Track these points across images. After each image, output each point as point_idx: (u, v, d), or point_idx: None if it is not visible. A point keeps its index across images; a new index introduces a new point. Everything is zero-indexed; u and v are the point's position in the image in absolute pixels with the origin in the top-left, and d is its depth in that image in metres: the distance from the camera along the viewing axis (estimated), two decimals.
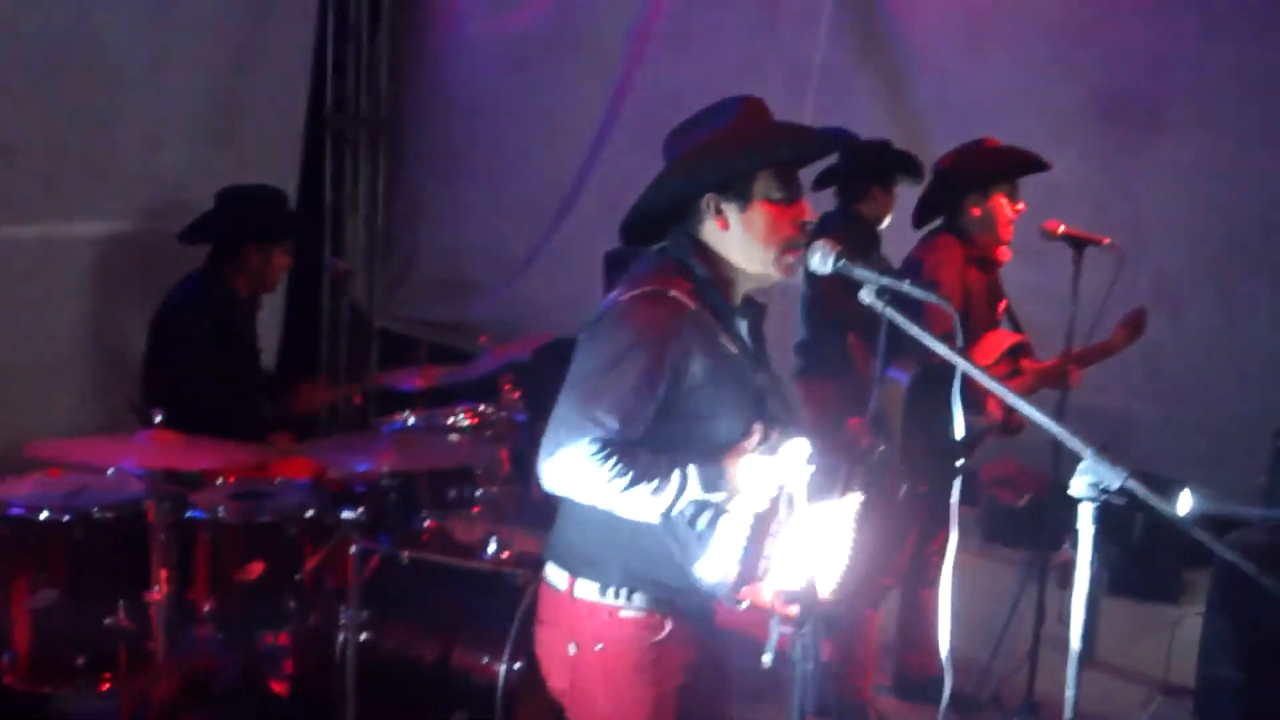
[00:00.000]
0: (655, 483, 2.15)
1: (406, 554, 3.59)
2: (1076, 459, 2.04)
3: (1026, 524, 5.81)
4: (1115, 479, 2.04)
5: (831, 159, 4.51)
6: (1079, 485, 2.07)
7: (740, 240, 2.30)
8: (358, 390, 5.19)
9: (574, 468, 2.15)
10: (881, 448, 2.28)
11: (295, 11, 6.44)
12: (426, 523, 3.78)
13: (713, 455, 2.23)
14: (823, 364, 4.49)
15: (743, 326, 2.38)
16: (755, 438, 2.25)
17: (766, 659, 2.26)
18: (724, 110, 2.34)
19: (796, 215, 2.31)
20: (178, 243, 4.39)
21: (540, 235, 6.94)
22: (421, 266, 7.39)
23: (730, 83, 6.09)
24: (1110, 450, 2.13)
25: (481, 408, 4.09)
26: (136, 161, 5.42)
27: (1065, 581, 4.82)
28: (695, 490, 2.17)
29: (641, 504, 2.18)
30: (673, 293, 2.24)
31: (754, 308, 2.46)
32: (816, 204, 4.78)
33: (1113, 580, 5.01)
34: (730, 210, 2.29)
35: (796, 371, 4.70)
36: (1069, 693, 2.20)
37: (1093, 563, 4.54)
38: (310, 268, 6.36)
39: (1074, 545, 5.12)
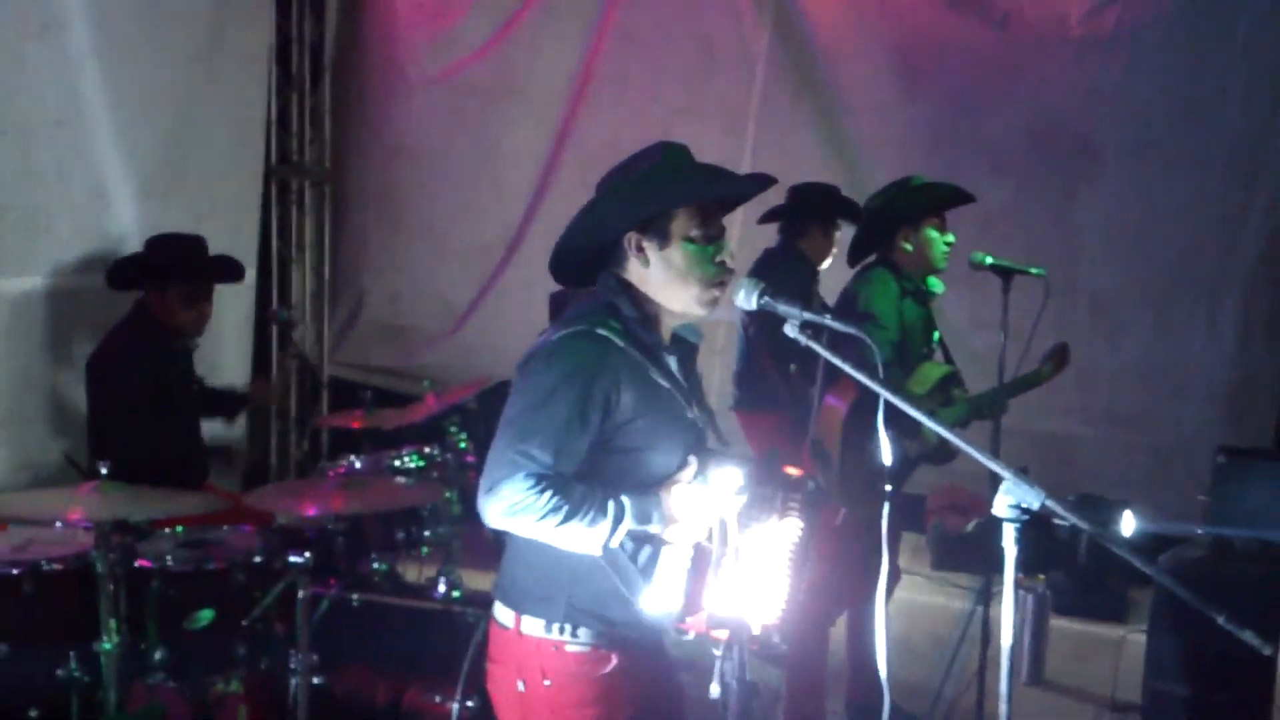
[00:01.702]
0: (591, 515, 2.21)
1: (356, 597, 3.61)
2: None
3: (974, 548, 5.89)
4: (1035, 499, 2.10)
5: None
6: (1000, 506, 2.12)
7: (661, 278, 2.37)
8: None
9: (511, 503, 2.20)
10: (812, 483, 2.32)
11: (245, 64, 6.47)
12: (376, 565, 3.79)
13: (648, 488, 2.29)
14: (759, 395, 4.58)
15: (673, 362, 2.44)
16: (690, 470, 2.30)
17: (714, 689, 2.30)
18: (649, 154, 2.41)
19: (716, 253, 2.37)
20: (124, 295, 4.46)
21: (485, 280, 7.00)
22: (368, 313, 7.41)
23: (670, 126, 6.31)
24: (1030, 472, 2.20)
25: (428, 449, 4.12)
26: (86, 216, 5.42)
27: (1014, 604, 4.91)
28: (630, 521, 2.23)
29: (580, 536, 2.23)
30: (600, 331, 2.30)
31: (684, 346, 2.52)
32: (760, 239, 4.96)
33: (1059, 601, 5.08)
34: (650, 248, 2.35)
35: (734, 403, 4.78)
36: (1002, 707, 2.24)
37: (1021, 581, 4.62)
38: (263, 316, 6.41)
39: (1019, 568, 5.22)
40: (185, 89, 6.01)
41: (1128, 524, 5.22)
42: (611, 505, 2.23)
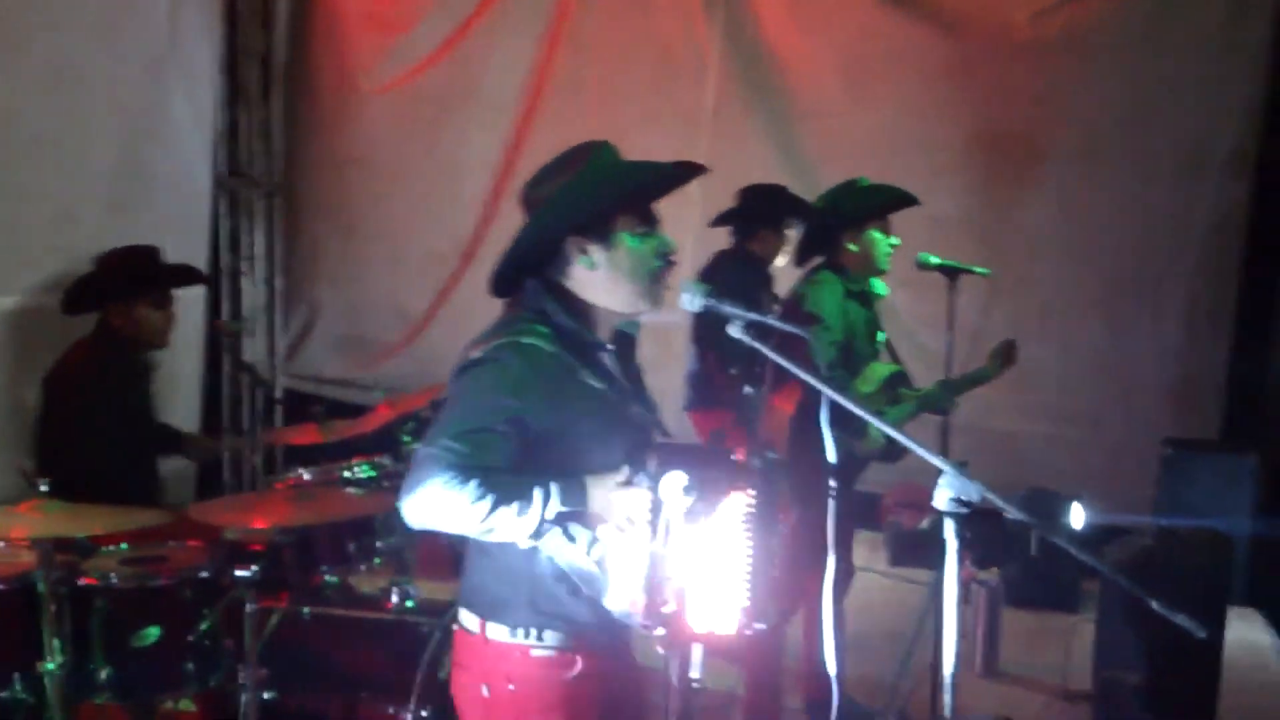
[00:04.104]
0: (517, 503, 2.19)
1: (308, 610, 3.59)
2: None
3: (930, 545, 5.93)
4: (974, 492, 2.12)
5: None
6: (941, 499, 2.14)
7: (607, 279, 2.37)
8: (245, 444, 5.17)
9: (434, 499, 2.18)
10: (760, 460, 2.30)
11: (195, 78, 6.47)
12: (327, 577, 3.77)
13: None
14: (709, 396, 4.60)
15: (611, 360, 2.44)
16: (625, 465, 2.30)
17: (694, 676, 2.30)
18: (576, 156, 2.40)
19: (659, 248, 2.39)
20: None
21: (440, 289, 7.00)
22: (322, 325, 7.40)
23: (625, 132, 6.23)
24: (981, 469, 2.23)
25: (380, 459, 4.10)
26: (51, 235, 5.41)
27: (967, 597, 4.96)
28: (556, 503, 2.21)
29: (508, 526, 2.21)
30: (527, 340, 2.30)
31: (625, 340, 2.52)
32: (711, 240, 4.98)
33: (1012, 593, 5.13)
34: (594, 251, 2.36)
35: (686, 404, 4.80)
36: (946, 698, 2.27)
37: (974, 574, 4.66)
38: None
39: (974, 563, 5.28)
40: (140, 104, 6.02)
41: (1077, 517, 5.28)
42: (538, 491, 2.21)
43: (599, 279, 2.37)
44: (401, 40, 7.02)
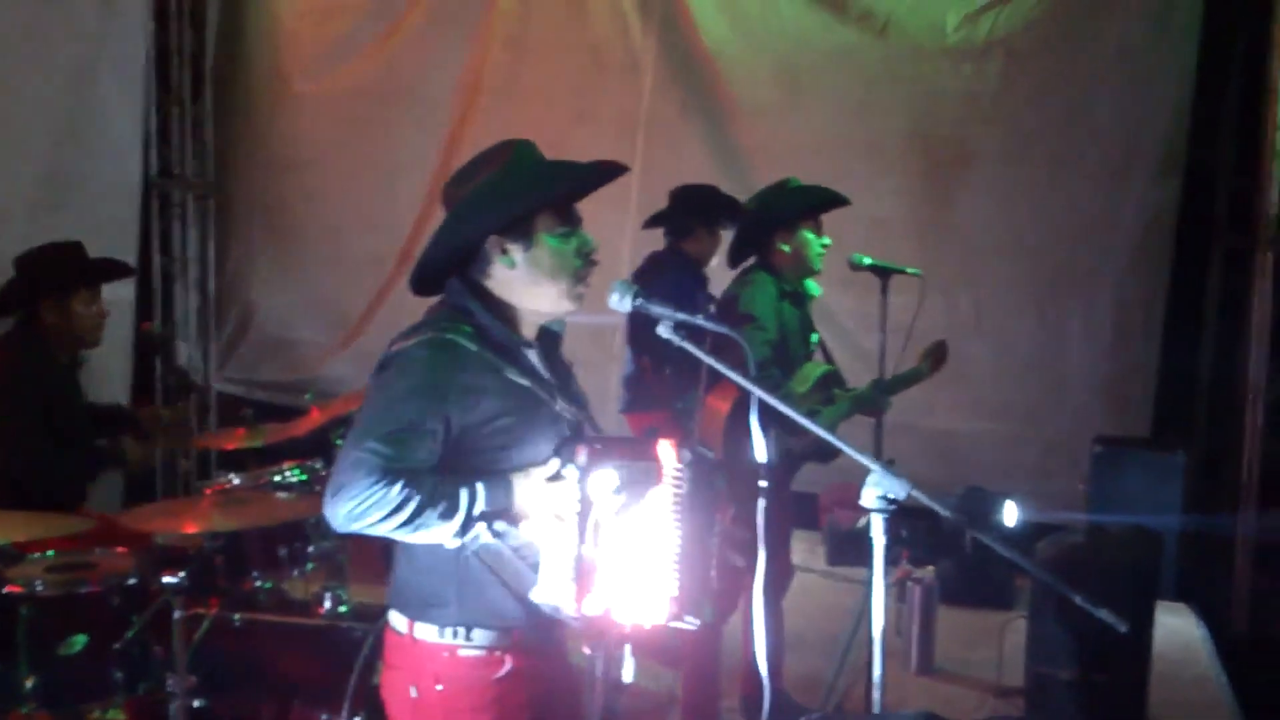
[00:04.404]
0: (443, 504, 2.18)
1: (238, 616, 3.54)
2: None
3: (868, 543, 5.97)
4: (901, 489, 2.14)
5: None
6: (869, 498, 2.16)
7: (529, 278, 2.36)
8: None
9: (358, 501, 2.16)
10: (690, 453, 2.31)
11: (124, 79, 6.38)
12: (258, 582, 3.73)
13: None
14: (645, 397, 4.61)
15: (535, 357, 2.44)
16: (554, 462, 2.29)
17: (627, 675, 2.30)
18: (496, 155, 2.40)
19: (580, 247, 2.39)
20: None
21: (378, 290, 6.95)
22: (257, 327, 7.32)
23: (560, 134, 6.33)
24: (907, 465, 2.25)
25: (311, 463, 4.05)
26: None
27: (902, 596, 5.01)
28: (482, 503, 2.21)
29: (434, 527, 2.20)
30: (449, 336, 2.29)
31: (550, 336, 2.52)
32: (645, 242, 4.99)
33: (947, 591, 5.18)
34: (516, 251, 2.35)
35: (622, 406, 4.80)
36: (875, 694, 2.28)
37: (909, 573, 4.70)
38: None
39: (911, 560, 5.32)
40: (67, 105, 5.92)
41: (1010, 514, 5.36)
42: (464, 490, 2.20)
43: (519, 278, 2.36)
44: (334, 40, 6.98)
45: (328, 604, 3.59)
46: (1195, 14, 5.91)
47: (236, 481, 3.89)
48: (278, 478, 3.94)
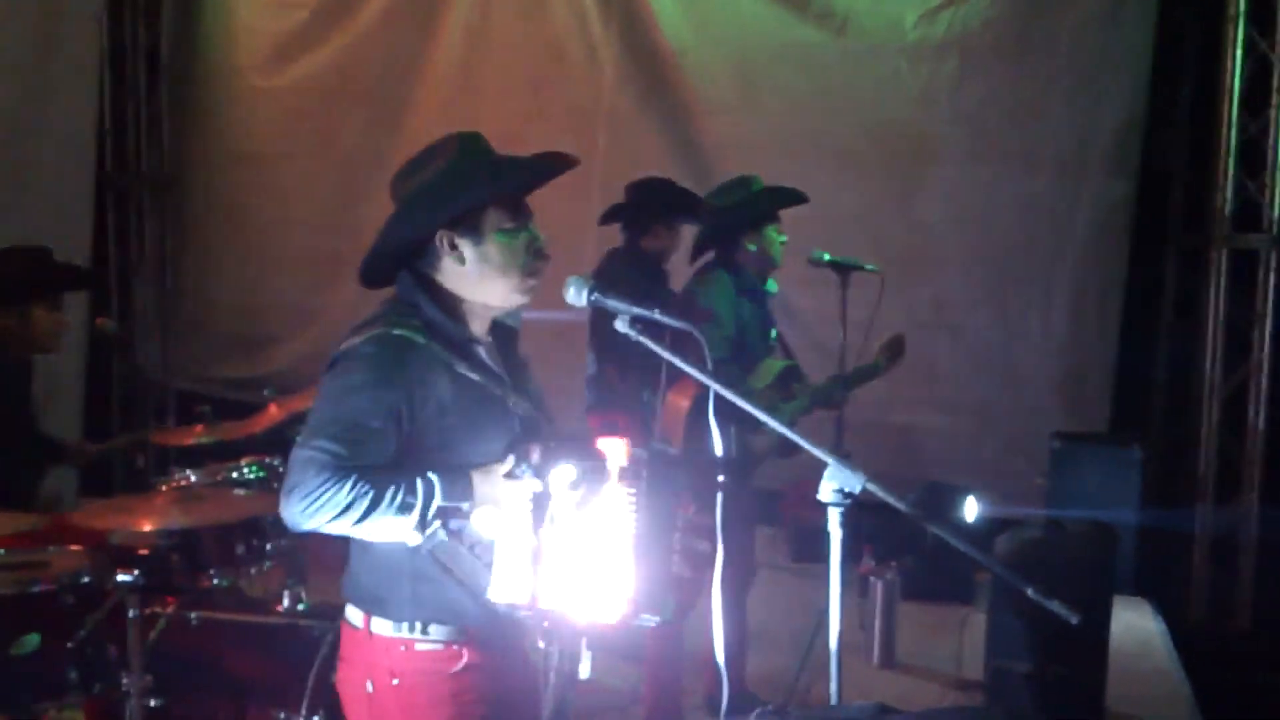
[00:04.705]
0: (400, 498, 2.16)
1: (195, 615, 3.50)
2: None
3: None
4: (856, 483, 2.15)
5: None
6: (825, 491, 2.17)
7: (478, 273, 2.35)
8: (130, 441, 5.00)
9: (313, 499, 2.14)
10: (646, 451, 2.30)
11: (78, 74, 6.30)
12: (215, 580, 3.68)
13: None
14: (611, 396, 4.59)
15: (486, 353, 2.43)
16: (511, 459, 2.28)
17: (584, 670, 2.30)
18: (444, 149, 2.38)
19: (530, 242, 2.37)
20: None
21: (336, 284, 6.89)
22: (215, 323, 7.25)
23: (519, 128, 6.30)
24: (869, 460, 2.26)
25: (269, 459, 4.01)
26: None
27: (864, 591, 5.03)
28: (440, 498, 2.19)
29: (390, 524, 2.18)
30: (398, 331, 2.27)
31: (506, 333, 2.51)
32: (607, 237, 4.98)
33: (909, 586, 5.20)
34: (465, 246, 2.34)
35: (588, 406, 4.79)
36: (832, 686, 2.29)
37: (871, 568, 4.70)
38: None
39: (873, 556, 5.34)
40: (18, 100, 5.84)
41: (971, 509, 5.40)
42: (420, 485, 2.18)
43: (469, 273, 2.35)
44: (291, 33, 6.93)
45: (286, 602, 3.55)
46: (1149, 13, 5.99)
47: (193, 478, 3.85)
48: (235, 474, 3.89)
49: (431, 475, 2.20)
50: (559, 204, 5.73)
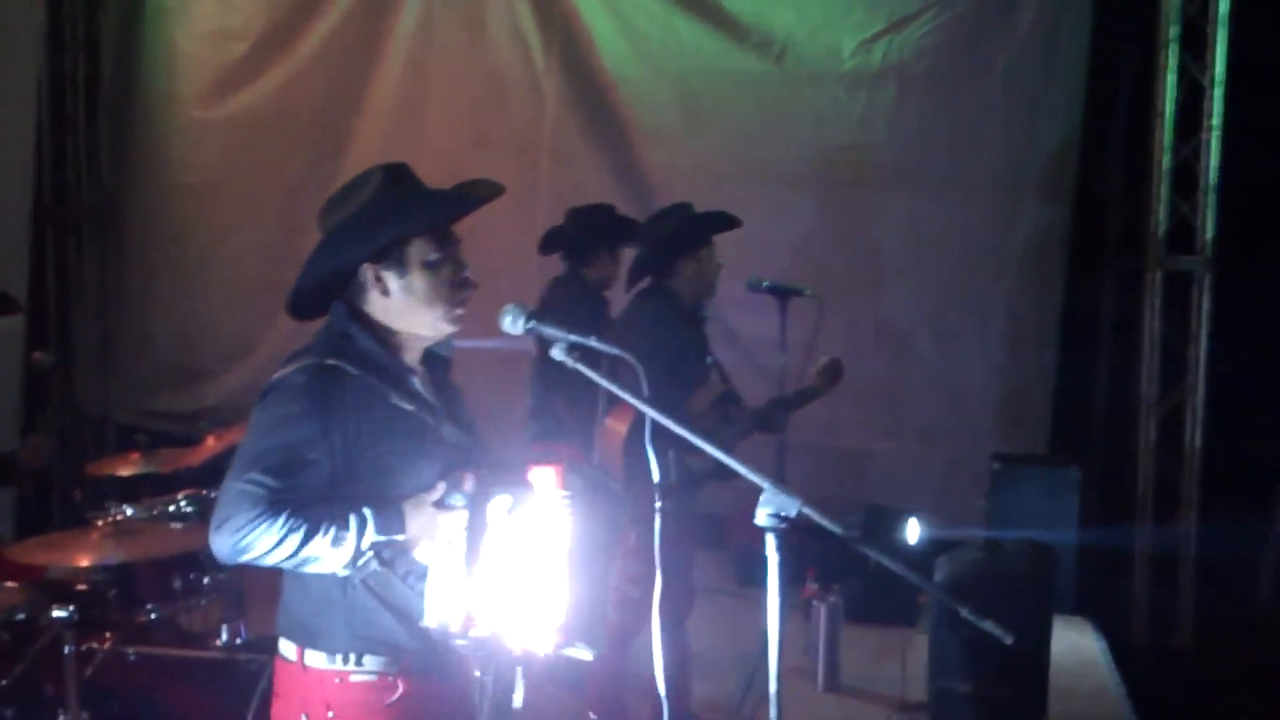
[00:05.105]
0: (333, 531, 2.16)
1: (133, 650, 3.46)
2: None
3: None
4: (793, 507, 2.16)
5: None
6: (761, 516, 2.18)
7: (404, 305, 2.36)
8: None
9: (244, 532, 2.13)
10: (580, 477, 2.30)
11: (14, 104, 6.24)
12: (153, 615, 3.64)
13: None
14: (554, 426, 4.60)
15: (419, 382, 2.43)
16: (440, 487, 2.28)
17: (517, 699, 2.29)
18: (369, 181, 2.38)
19: (455, 271, 2.38)
20: None
21: (278, 315, 6.83)
22: (156, 356, 7.17)
23: (463, 156, 6.29)
24: (790, 482, 2.27)
25: (206, 492, 3.98)
26: None
27: (808, 615, 5.05)
28: (373, 532, 2.18)
29: (324, 555, 2.17)
30: (331, 362, 2.27)
31: (438, 362, 2.51)
32: (550, 266, 4.99)
33: (854, 608, 5.23)
34: (390, 278, 2.34)
35: (532, 436, 4.79)
36: (772, 711, 2.29)
37: (815, 592, 4.71)
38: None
39: (816, 579, 5.35)
40: None
41: (912, 531, 5.44)
42: (353, 517, 2.18)
43: (395, 305, 2.36)
44: (232, 64, 6.89)
45: (224, 636, 3.53)
46: (1083, 39, 6.11)
47: (130, 512, 3.81)
48: (171, 508, 3.86)
49: (365, 509, 2.19)
50: (503, 233, 5.81)
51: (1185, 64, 5.87)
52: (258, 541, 2.13)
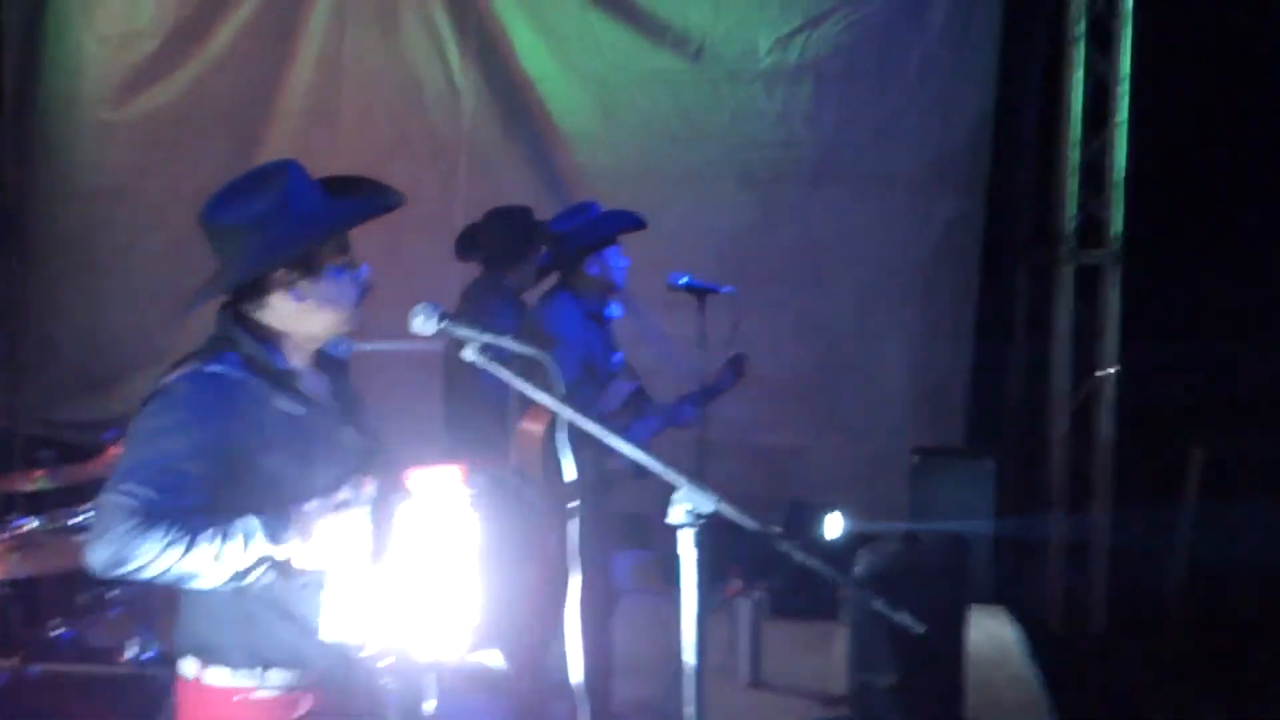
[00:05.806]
0: (218, 541, 2.06)
1: (37, 668, 3.37)
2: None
3: (696, 560, 6.01)
4: (708, 504, 2.16)
5: None
6: (677, 514, 2.18)
7: (314, 308, 2.32)
8: None
9: (121, 545, 2.02)
10: (484, 477, 2.28)
11: None
12: (58, 631, 3.55)
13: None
14: (472, 432, 4.55)
15: (312, 384, 2.38)
16: (338, 492, 2.23)
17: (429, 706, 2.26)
18: (268, 180, 2.31)
19: (358, 274, 2.37)
20: None
21: (191, 320, 6.70)
22: (59, 363, 6.97)
23: (379, 159, 6.20)
24: (707, 479, 2.27)
25: None
26: None
27: (732, 612, 5.06)
28: (262, 540, 2.10)
29: (209, 568, 2.07)
30: (214, 367, 2.21)
31: (333, 363, 2.48)
32: (467, 269, 4.94)
33: (778, 604, 5.26)
34: (303, 284, 2.30)
35: (449, 440, 4.73)
36: (689, 710, 2.29)
37: (738, 589, 4.73)
38: None
39: (740, 577, 5.37)
40: None
41: (833, 526, 5.48)
42: (239, 525, 2.09)
43: (302, 309, 2.31)
44: (139, 64, 6.72)
45: (133, 650, 3.44)
46: (993, 36, 6.21)
47: (34, 525, 3.70)
48: (75, 520, 3.76)
49: (253, 518, 2.10)
50: (420, 236, 5.74)
51: (1092, 60, 5.98)
52: (135, 554, 2.02)
